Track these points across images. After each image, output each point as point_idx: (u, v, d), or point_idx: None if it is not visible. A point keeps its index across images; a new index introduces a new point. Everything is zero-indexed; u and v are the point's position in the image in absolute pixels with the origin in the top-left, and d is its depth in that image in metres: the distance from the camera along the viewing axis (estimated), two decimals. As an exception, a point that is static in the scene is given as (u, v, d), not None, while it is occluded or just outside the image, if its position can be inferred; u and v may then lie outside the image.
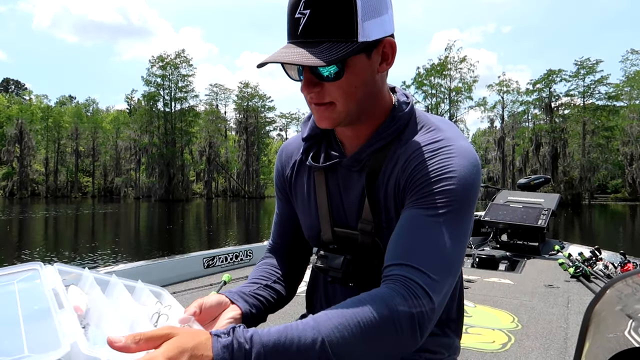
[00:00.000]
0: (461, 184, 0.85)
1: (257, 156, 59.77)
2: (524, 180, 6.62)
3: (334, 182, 1.00)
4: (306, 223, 1.07)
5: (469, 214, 0.87)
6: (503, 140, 49.93)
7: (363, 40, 0.81)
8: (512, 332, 2.70)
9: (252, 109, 59.48)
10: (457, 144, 0.89)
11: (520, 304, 3.32)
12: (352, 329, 0.69)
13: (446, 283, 0.80)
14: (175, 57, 53.28)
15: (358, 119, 0.93)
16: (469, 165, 0.87)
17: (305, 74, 0.85)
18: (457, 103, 49.01)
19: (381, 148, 0.94)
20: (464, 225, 0.85)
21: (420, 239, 0.82)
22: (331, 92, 0.86)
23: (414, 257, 0.80)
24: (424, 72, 49.74)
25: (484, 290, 3.75)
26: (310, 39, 0.81)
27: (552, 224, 5.60)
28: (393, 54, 0.88)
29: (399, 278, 0.78)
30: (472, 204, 0.87)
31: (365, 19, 0.81)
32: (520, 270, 4.64)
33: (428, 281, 0.77)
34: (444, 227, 0.82)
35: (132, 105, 64.48)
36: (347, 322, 0.70)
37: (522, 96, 49.18)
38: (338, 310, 0.72)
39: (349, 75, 0.84)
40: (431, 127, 0.94)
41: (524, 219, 5.41)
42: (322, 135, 1.04)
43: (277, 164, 1.14)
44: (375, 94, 0.91)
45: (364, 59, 0.85)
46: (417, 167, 0.88)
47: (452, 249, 0.81)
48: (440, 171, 0.86)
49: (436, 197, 0.84)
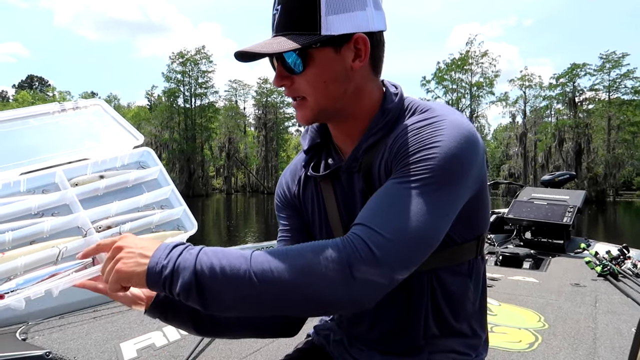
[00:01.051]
0: (443, 153, 0.80)
1: (276, 152, 59.92)
2: (548, 176, 6.48)
3: (340, 188, 0.99)
4: (320, 234, 1.05)
5: (454, 187, 0.82)
6: (525, 135, 49.04)
7: (327, 33, 0.83)
8: (539, 332, 2.65)
9: (271, 105, 59.60)
10: (448, 117, 0.86)
11: (546, 303, 3.26)
12: (279, 257, 0.74)
13: (404, 247, 0.75)
14: (196, 53, 53.64)
15: (338, 116, 0.93)
16: (458, 135, 0.82)
17: (277, 67, 0.90)
18: (478, 98, 48.37)
19: (374, 144, 0.93)
20: (445, 198, 0.81)
21: (385, 204, 0.79)
22: (301, 87, 0.89)
23: (370, 218, 0.77)
24: (445, 67, 49.16)
25: (508, 288, 3.69)
26: (279, 33, 0.86)
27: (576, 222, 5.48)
28: (366, 50, 0.87)
29: (346, 235, 0.77)
30: (457, 176, 0.82)
31: (330, 14, 0.83)
32: (545, 268, 4.56)
33: (375, 237, 0.74)
34: (414, 193, 0.79)
35: (152, 101, 65.15)
36: (276, 251, 0.76)
37: (544, 91, 48.24)
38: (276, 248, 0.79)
39: (315, 69, 0.86)
40: (423, 109, 0.92)
41: (549, 216, 5.30)
42: (322, 145, 1.04)
43: (281, 185, 1.12)
44: (355, 92, 0.91)
45: (331, 53, 0.86)
46: (402, 144, 0.86)
47: (421, 216, 0.77)
48: (422, 143, 0.83)
49: (412, 166, 0.81)
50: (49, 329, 2.24)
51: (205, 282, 0.73)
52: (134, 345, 2.14)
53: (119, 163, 1.08)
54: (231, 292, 0.74)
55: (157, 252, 0.77)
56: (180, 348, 2.13)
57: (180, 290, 0.74)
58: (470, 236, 0.96)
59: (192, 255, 0.75)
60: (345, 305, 0.75)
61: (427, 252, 0.80)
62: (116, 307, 2.57)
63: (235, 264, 0.74)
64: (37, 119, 1.03)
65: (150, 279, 0.76)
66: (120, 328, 2.33)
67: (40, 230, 0.91)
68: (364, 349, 1.03)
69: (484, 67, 48.09)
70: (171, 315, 0.94)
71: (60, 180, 0.99)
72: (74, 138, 1.06)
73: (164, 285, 0.75)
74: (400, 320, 0.97)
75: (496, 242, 5.69)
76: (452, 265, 0.96)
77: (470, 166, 0.84)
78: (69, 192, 0.97)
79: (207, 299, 0.74)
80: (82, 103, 1.10)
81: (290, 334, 1.07)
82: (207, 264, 0.74)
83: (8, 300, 0.79)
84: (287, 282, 0.73)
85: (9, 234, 0.87)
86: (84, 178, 1.02)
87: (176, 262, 0.75)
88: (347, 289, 0.73)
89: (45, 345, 2.03)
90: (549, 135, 47.69)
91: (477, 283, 1.01)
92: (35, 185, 0.97)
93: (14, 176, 0.93)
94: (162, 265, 0.75)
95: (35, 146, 1.00)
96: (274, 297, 0.74)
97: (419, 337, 0.97)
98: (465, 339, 1.00)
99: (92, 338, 2.19)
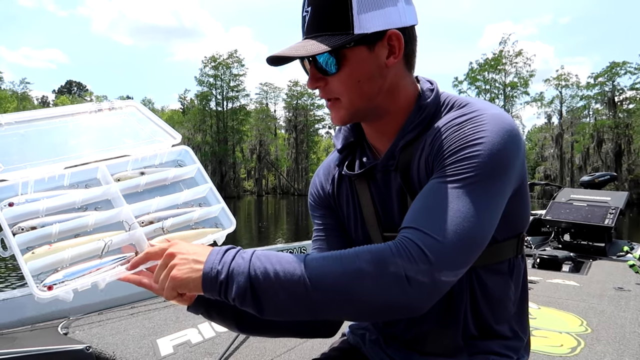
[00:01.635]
0: (488, 150, 0.79)
1: (306, 154, 60.13)
2: (587, 177, 6.28)
3: (376, 187, 0.97)
4: (355, 233, 1.04)
5: (499, 183, 0.80)
6: (561, 136, 47.69)
7: (360, 32, 0.82)
8: (582, 336, 2.56)
9: (302, 107, 59.86)
10: (488, 112, 0.84)
11: (588, 307, 3.14)
12: (332, 263, 0.74)
13: (457, 249, 0.74)
14: (228, 57, 54.46)
15: (373, 114, 0.91)
16: (500, 131, 0.81)
17: (310, 70, 0.88)
18: (512, 99, 47.34)
19: (411, 141, 0.91)
20: (492, 196, 0.79)
21: (433, 205, 0.78)
22: (335, 87, 0.87)
23: (420, 221, 0.76)
24: (477, 67, 48.33)
25: (547, 291, 3.58)
26: (311, 35, 0.85)
27: (618, 224, 5.29)
28: (400, 46, 0.86)
29: (398, 238, 0.75)
30: (502, 172, 0.80)
31: (362, 12, 0.81)
32: (585, 271, 4.41)
33: (428, 241, 0.73)
34: (461, 192, 0.77)
35: (185, 105, 66.42)
36: (330, 255, 0.75)
37: (582, 90, 46.82)
38: (330, 251, 0.78)
39: (349, 69, 0.85)
40: (461, 104, 0.90)
41: (589, 218, 5.13)
42: (356, 144, 1.02)
43: (314, 184, 1.11)
44: (389, 89, 0.89)
45: (365, 52, 0.84)
46: (444, 141, 0.84)
47: (471, 217, 0.76)
48: (465, 140, 0.81)
49: (457, 164, 0.80)
50: (88, 324, 2.30)
51: (259, 287, 0.74)
52: (170, 342, 2.17)
53: (157, 161, 1.09)
54: (286, 297, 0.73)
55: (211, 257, 0.77)
56: (215, 345, 2.15)
57: (236, 296, 0.74)
58: (510, 234, 0.93)
59: (245, 260, 0.76)
60: (401, 310, 0.74)
61: (478, 252, 0.79)
62: (153, 304, 2.61)
63: (289, 268, 0.74)
64: (75, 118, 1.06)
65: (206, 284, 0.76)
66: (156, 324, 2.36)
67: (85, 224, 0.93)
68: (401, 349, 1.01)
69: (518, 66, 47.08)
70: (214, 312, 0.93)
71: (103, 175, 1.00)
72: (113, 136, 1.08)
73: (220, 291, 0.75)
74: (439, 321, 0.95)
75: (533, 245, 5.54)
76: (491, 264, 0.93)
77: (514, 161, 0.82)
78: (112, 187, 0.98)
79: (263, 304, 0.74)
80: (118, 104, 1.13)
81: (328, 334, 1.06)
82: (260, 269, 0.74)
83: (57, 291, 0.80)
84: (342, 288, 0.72)
85: (56, 226, 0.89)
86: (126, 174, 1.03)
87: (230, 267, 0.75)
88: (403, 294, 0.72)
89: (85, 340, 2.08)
90: (586, 136, 46.21)
91: (518, 283, 0.98)
92: (78, 180, 0.99)
93: (59, 170, 0.95)
94: (216, 271, 0.75)
95: (77, 143, 1.02)
96: (330, 303, 0.74)
97: (458, 337, 0.94)
98: (506, 340, 0.96)
99: (130, 334, 2.23)
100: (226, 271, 0.75)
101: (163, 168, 1.09)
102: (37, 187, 0.92)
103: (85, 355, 1.94)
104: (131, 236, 0.93)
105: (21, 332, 2.09)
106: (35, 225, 0.88)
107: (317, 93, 0.91)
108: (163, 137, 1.11)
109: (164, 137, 1.11)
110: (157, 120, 1.13)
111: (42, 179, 0.93)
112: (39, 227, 0.87)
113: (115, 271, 0.87)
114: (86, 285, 0.84)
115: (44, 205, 0.90)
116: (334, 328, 1.06)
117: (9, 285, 7.98)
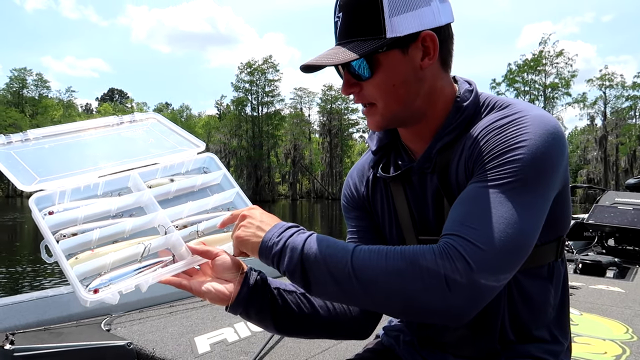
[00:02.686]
0: (531, 153, 0.77)
1: (340, 158, 60.14)
2: (633, 180, 6.04)
3: (412, 190, 0.96)
4: (390, 236, 1.03)
5: (543, 188, 0.78)
6: (605, 139, 45.99)
7: (392, 36, 0.81)
8: (627, 344, 2.46)
9: (336, 111, 59.93)
10: (530, 113, 0.82)
11: (634, 314, 3.02)
12: (377, 257, 0.75)
13: (501, 258, 0.73)
14: (263, 62, 55.17)
15: (412, 118, 0.90)
16: (544, 133, 0.79)
17: (344, 75, 0.87)
18: (552, 100, 46.00)
19: (449, 143, 0.89)
20: (535, 201, 0.77)
21: (476, 211, 0.76)
22: (370, 93, 0.87)
23: (462, 227, 0.75)
24: (516, 69, 47.22)
25: (590, 297, 3.46)
26: (344, 40, 0.85)
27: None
28: (435, 47, 0.84)
29: (440, 243, 0.75)
30: (546, 176, 0.78)
31: (394, 15, 0.80)
32: (632, 277, 4.23)
33: (470, 248, 0.72)
34: (504, 198, 0.76)
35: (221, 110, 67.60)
36: (376, 249, 0.77)
37: (627, 90, 45.03)
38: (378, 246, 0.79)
39: (383, 73, 0.84)
40: (502, 105, 0.88)
41: (635, 222, 4.92)
42: (390, 146, 1.01)
43: (348, 186, 1.10)
44: (427, 92, 0.88)
45: (399, 55, 0.83)
46: (485, 144, 0.82)
47: (515, 224, 0.74)
48: (507, 143, 0.79)
49: (499, 168, 0.78)
50: (129, 322, 2.37)
51: (309, 267, 0.79)
52: (207, 340, 2.21)
53: (184, 169, 1.14)
54: (331, 281, 0.78)
55: (273, 229, 0.85)
56: (251, 344, 2.18)
57: (287, 269, 0.81)
58: (550, 237, 0.91)
59: (302, 239, 0.81)
60: (439, 314, 0.74)
61: (522, 259, 0.77)
62: (191, 303, 2.67)
63: (337, 255, 0.78)
64: (99, 131, 1.11)
65: (262, 251, 0.84)
66: (194, 323, 2.41)
67: (123, 230, 0.96)
68: (436, 351, 0.99)
69: (558, 67, 45.73)
70: (253, 313, 0.94)
71: (135, 183, 1.03)
72: (139, 147, 1.12)
73: (273, 260, 0.83)
74: (475, 324, 0.92)
75: (575, 249, 5.36)
76: (530, 268, 0.90)
77: (558, 165, 0.80)
78: (145, 194, 1.01)
79: (311, 283, 0.80)
80: (139, 116, 1.18)
81: (362, 336, 1.06)
82: (313, 250, 0.79)
83: (102, 294, 0.84)
84: (383, 284, 0.74)
85: (96, 231, 0.92)
86: (157, 181, 1.07)
87: (287, 242, 0.81)
88: (443, 299, 0.72)
89: (126, 336, 2.15)
90: (633, 138, 44.40)
91: (558, 287, 0.95)
92: (110, 188, 1.02)
93: (93, 179, 0.99)
94: (273, 242, 0.82)
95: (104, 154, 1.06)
96: (371, 295, 0.76)
97: (494, 341, 0.93)
98: (545, 344, 0.94)
99: (169, 331, 2.28)
100: (282, 244, 0.81)
101: (190, 175, 1.12)
102: (73, 196, 0.96)
103: (127, 351, 2.00)
104: (168, 240, 0.96)
105: (67, 327, 2.18)
106: (76, 232, 0.91)
107: (352, 97, 0.91)
108: (187, 145, 1.15)
109: (188, 146, 1.15)
110: (180, 131, 1.18)
111: (77, 188, 0.97)
112: (80, 234, 0.91)
113: (157, 273, 0.90)
114: (130, 287, 0.87)
115: (82, 213, 0.94)
116: (369, 330, 1.06)
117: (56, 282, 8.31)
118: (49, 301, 2.29)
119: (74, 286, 0.83)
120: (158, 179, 1.08)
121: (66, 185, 0.95)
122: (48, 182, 0.94)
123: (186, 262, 0.94)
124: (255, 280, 0.93)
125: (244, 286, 0.91)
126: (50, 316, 2.23)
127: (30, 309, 2.22)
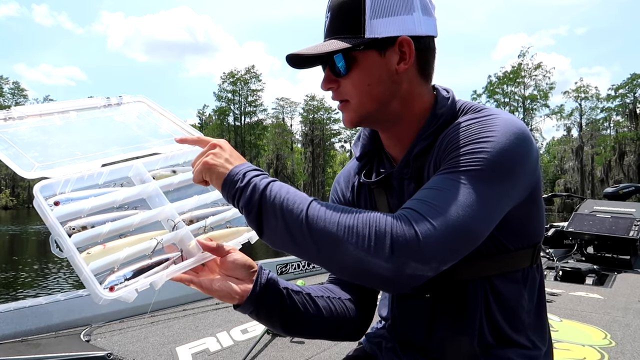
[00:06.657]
0: (495, 147, 0.79)
1: (322, 168, 60.26)
2: (611, 189, 6.18)
3: (392, 195, 0.98)
4: None
5: (504, 183, 0.79)
6: (581, 149, 46.92)
7: (370, 36, 0.85)
8: (605, 350, 2.50)
9: (318, 122, 60.14)
10: (500, 116, 0.84)
11: (612, 320, 3.07)
12: (333, 211, 0.76)
13: (449, 238, 0.73)
14: (245, 72, 55.23)
15: (387, 120, 0.93)
16: (509, 132, 0.81)
17: (326, 72, 0.92)
18: (531, 111, 46.89)
19: (425, 148, 0.91)
20: (494, 193, 0.78)
21: (434, 193, 0.77)
22: (346, 89, 0.90)
23: (417, 202, 0.77)
24: (496, 80, 48.09)
25: (570, 304, 3.52)
26: (327, 38, 0.90)
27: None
28: (410, 53, 0.87)
29: (395, 213, 0.76)
30: (508, 172, 0.79)
31: (374, 17, 0.85)
32: (610, 284, 4.32)
33: (422, 220, 0.73)
34: (461, 184, 0.77)
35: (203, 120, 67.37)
36: (333, 206, 0.78)
37: (602, 102, 46.18)
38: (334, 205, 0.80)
39: (359, 71, 0.88)
40: (477, 109, 0.90)
41: (613, 230, 5.03)
42: (374, 152, 1.04)
43: (335, 191, 1.12)
44: (403, 96, 0.91)
45: (376, 56, 0.87)
46: (451, 139, 0.84)
47: (469, 209, 0.75)
48: (473, 137, 0.81)
49: (461, 157, 0.80)
50: (110, 332, 2.33)
51: (266, 207, 0.79)
52: (189, 350, 2.18)
53: (182, 160, 1.08)
54: (283, 225, 0.78)
55: (242, 165, 0.85)
56: (234, 354, 2.16)
57: (244, 206, 0.81)
58: (524, 244, 0.92)
59: (266, 181, 0.82)
60: (378, 277, 0.74)
61: (470, 246, 0.78)
62: (172, 313, 2.63)
63: (295, 202, 0.78)
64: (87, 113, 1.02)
65: (225, 182, 0.84)
66: (176, 333, 2.38)
67: (131, 223, 0.90)
68: (418, 357, 1.00)
69: (537, 79, 46.70)
70: (263, 312, 0.93)
71: (137, 173, 0.98)
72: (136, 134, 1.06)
73: (234, 195, 0.82)
74: (455, 328, 0.94)
75: (555, 257, 5.45)
76: (505, 272, 0.92)
77: (522, 164, 0.82)
78: (151, 185, 0.97)
79: (263, 223, 0.80)
80: (127, 99, 1.10)
81: (356, 337, 1.08)
82: (273, 193, 0.80)
83: (120, 292, 0.79)
84: (332, 234, 0.75)
85: (107, 225, 0.86)
86: (160, 172, 1.01)
87: (251, 180, 0.82)
88: (384, 260, 0.72)
89: (106, 347, 2.11)
90: (608, 149, 45.45)
91: (532, 292, 0.96)
92: (111, 178, 0.96)
93: (96, 167, 0.93)
94: (239, 178, 0.82)
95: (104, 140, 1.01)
96: (317, 244, 0.76)
97: (474, 345, 0.93)
98: (524, 349, 0.95)
99: (150, 341, 2.25)
100: (246, 181, 0.82)
101: (188, 166, 1.06)
102: (75, 185, 0.89)
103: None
104: (176, 235, 0.92)
105: (45, 338, 2.13)
106: (85, 224, 0.84)
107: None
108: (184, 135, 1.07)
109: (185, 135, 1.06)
110: (174, 118, 1.11)
111: (81, 177, 0.90)
112: (90, 227, 0.84)
113: (170, 270, 0.87)
114: (145, 285, 0.83)
115: (90, 204, 0.87)
116: (362, 331, 1.08)
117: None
118: (26, 312, 2.23)
119: (90, 284, 0.77)
120: (159, 170, 1.02)
121: (71, 173, 0.88)
122: (49, 170, 0.86)
123: (196, 258, 0.91)
124: (267, 279, 0.93)
125: (257, 285, 0.91)
126: (28, 327, 2.18)
127: (7, 319, 2.17)
